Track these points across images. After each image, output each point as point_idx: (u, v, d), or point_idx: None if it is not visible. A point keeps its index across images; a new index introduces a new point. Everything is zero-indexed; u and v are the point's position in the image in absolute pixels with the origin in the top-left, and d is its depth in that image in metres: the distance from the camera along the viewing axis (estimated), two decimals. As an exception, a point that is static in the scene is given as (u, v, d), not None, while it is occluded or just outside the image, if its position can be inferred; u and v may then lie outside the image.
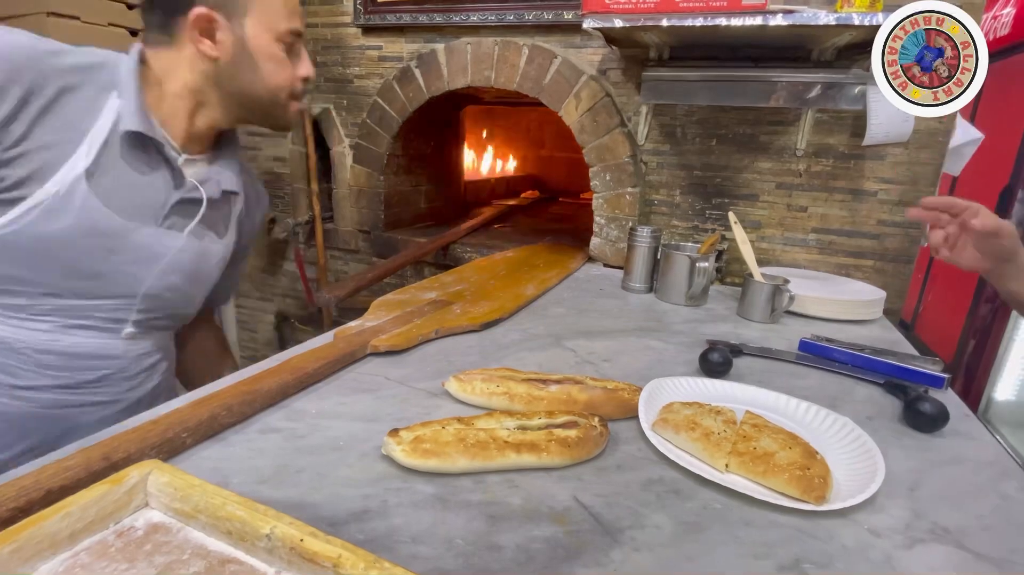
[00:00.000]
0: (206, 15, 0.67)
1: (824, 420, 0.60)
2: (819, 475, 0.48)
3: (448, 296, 0.96)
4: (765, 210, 1.21)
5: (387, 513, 0.44)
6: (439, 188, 1.92)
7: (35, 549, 0.36)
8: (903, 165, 1.11)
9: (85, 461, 0.44)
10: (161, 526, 0.41)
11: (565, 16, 1.23)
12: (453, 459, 0.49)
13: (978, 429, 0.65)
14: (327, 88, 1.59)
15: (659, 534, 0.43)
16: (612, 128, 1.25)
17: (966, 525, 0.47)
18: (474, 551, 0.40)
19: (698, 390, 0.66)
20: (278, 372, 0.62)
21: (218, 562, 0.37)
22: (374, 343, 0.72)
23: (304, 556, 0.35)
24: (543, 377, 0.64)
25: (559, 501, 0.46)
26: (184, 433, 0.50)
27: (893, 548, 0.43)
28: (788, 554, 0.42)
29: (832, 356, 0.80)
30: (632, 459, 0.53)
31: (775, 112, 1.15)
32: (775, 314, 0.97)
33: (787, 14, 0.84)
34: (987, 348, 2.08)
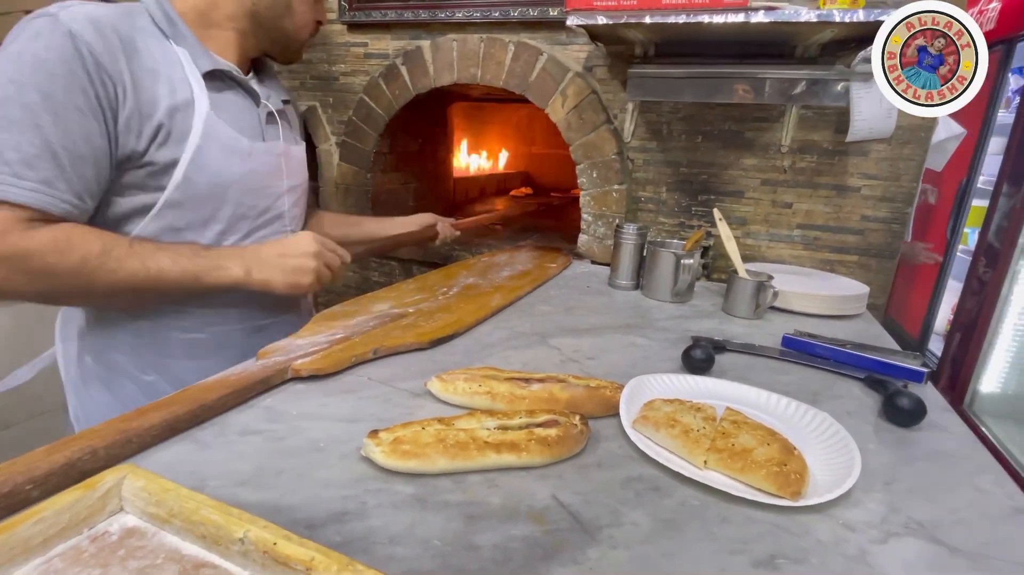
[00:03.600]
0: None
1: (804, 415, 0.61)
2: (796, 471, 0.49)
3: (402, 307, 0.90)
4: (750, 206, 1.22)
5: (365, 514, 0.44)
6: (428, 186, 1.91)
7: (8, 555, 0.35)
8: (886, 161, 1.12)
9: None
10: (136, 530, 0.40)
11: (551, 13, 1.22)
12: (433, 460, 0.49)
13: (956, 423, 0.66)
14: (312, 86, 1.58)
15: (637, 532, 0.43)
16: (598, 125, 1.25)
17: (941, 519, 0.48)
18: (451, 551, 0.40)
19: (680, 387, 0.66)
20: (169, 404, 0.55)
21: (192, 566, 0.37)
22: (295, 367, 0.65)
23: (278, 560, 0.35)
24: (526, 376, 0.64)
25: (538, 500, 0.47)
26: (28, 485, 0.43)
27: (867, 542, 0.44)
28: (763, 550, 0.42)
29: (814, 352, 0.81)
30: (612, 457, 0.54)
31: (760, 109, 1.16)
32: (759, 310, 0.97)
33: (768, 11, 0.84)
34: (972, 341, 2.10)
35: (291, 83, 1.60)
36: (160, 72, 0.69)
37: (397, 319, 0.84)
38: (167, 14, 0.72)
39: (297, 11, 0.81)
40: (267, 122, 0.82)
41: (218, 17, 0.76)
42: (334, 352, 0.69)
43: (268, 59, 0.88)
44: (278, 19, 0.80)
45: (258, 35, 0.80)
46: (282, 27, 0.81)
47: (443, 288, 1.02)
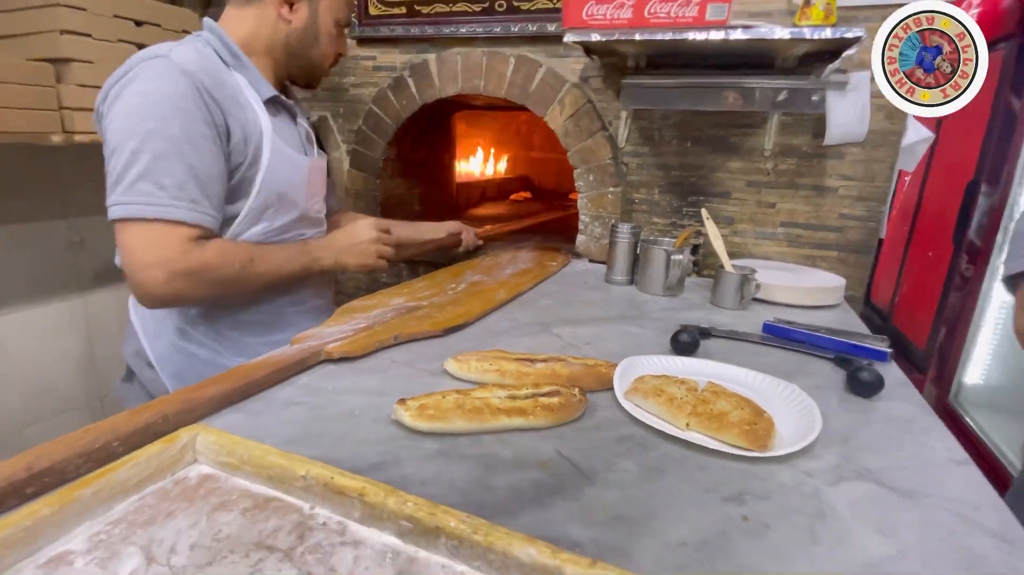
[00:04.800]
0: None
1: (776, 388, 0.69)
2: (764, 429, 0.57)
3: (416, 301, 0.98)
4: (737, 206, 1.31)
5: (400, 464, 0.52)
6: (432, 190, 2.00)
7: (110, 492, 0.44)
8: (861, 163, 1.20)
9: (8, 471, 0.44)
10: (210, 476, 0.49)
11: (548, 28, 1.31)
12: (453, 422, 0.57)
13: (913, 395, 0.74)
14: (324, 97, 1.67)
15: (626, 476, 0.52)
16: (594, 132, 1.34)
17: (887, 466, 0.56)
18: (473, 490, 0.49)
19: (668, 365, 0.75)
20: (223, 380, 0.62)
21: (262, 500, 0.46)
22: (328, 350, 0.73)
23: (334, 490, 0.44)
24: (531, 357, 0.72)
25: (543, 454, 0.55)
26: (115, 442, 0.50)
27: (822, 484, 0.52)
28: (733, 489, 0.51)
29: (791, 336, 0.89)
30: (607, 421, 0.62)
31: (744, 115, 1.25)
32: (744, 301, 1.06)
33: (746, 29, 0.93)
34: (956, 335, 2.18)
35: (303, 94, 1.68)
36: (238, 98, 0.81)
37: (412, 311, 0.93)
38: (229, 47, 0.84)
39: (323, 43, 0.92)
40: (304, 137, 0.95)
41: (258, 47, 0.87)
42: (360, 338, 0.78)
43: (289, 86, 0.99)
44: (307, 49, 0.90)
45: (288, 63, 0.91)
46: (309, 56, 0.91)
47: (451, 284, 1.10)
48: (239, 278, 0.79)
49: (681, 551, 0.43)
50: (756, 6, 1.18)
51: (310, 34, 0.90)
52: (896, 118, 1.16)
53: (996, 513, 0.50)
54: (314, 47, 0.91)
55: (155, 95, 0.72)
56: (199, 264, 0.74)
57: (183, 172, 0.73)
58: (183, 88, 0.73)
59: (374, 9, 1.49)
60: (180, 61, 0.74)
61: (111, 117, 0.73)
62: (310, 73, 0.95)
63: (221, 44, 0.83)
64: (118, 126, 0.72)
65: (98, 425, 0.52)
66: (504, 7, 1.36)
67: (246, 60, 0.84)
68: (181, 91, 0.73)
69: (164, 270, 0.72)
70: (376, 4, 1.49)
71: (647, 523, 0.45)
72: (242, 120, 0.80)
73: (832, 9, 1.03)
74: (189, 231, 0.74)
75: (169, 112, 0.72)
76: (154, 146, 0.71)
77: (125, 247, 0.73)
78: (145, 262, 0.72)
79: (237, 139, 0.79)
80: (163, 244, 0.72)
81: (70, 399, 1.53)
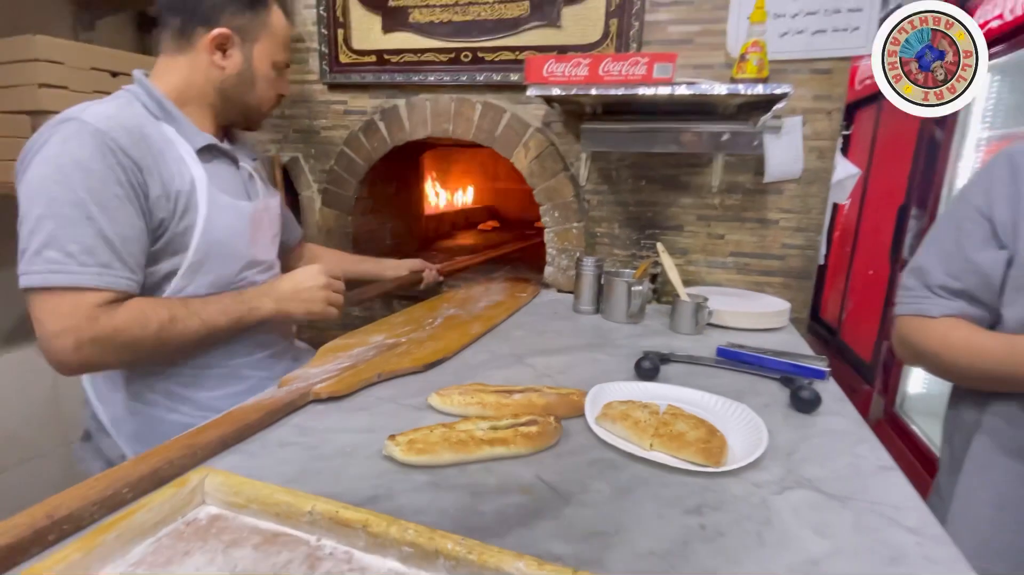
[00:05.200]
0: (227, 35, 0.85)
1: (728, 408, 0.77)
2: (718, 446, 0.65)
3: (395, 338, 1.02)
4: (690, 238, 1.42)
5: (394, 497, 0.57)
6: (403, 224, 2.06)
7: (131, 535, 0.47)
8: (798, 197, 1.33)
9: (30, 520, 0.48)
10: (219, 516, 0.52)
11: (511, 78, 1.41)
12: (440, 454, 0.63)
13: (848, 409, 0.83)
14: (295, 138, 1.72)
15: (599, 496, 0.58)
16: (557, 172, 1.43)
17: (825, 476, 0.64)
18: (463, 516, 0.54)
19: (632, 391, 0.82)
20: (220, 424, 0.66)
21: (271, 535, 0.50)
22: (316, 390, 0.76)
23: (340, 522, 0.48)
24: (508, 388, 0.78)
25: (525, 479, 0.61)
26: (125, 488, 0.54)
27: (768, 494, 0.60)
28: (692, 502, 0.57)
29: (742, 359, 0.98)
30: (580, 446, 0.68)
31: (693, 156, 1.36)
32: (699, 327, 1.15)
33: (689, 85, 1.04)
34: (897, 348, 2.34)
35: (274, 136, 1.73)
36: (165, 152, 0.79)
37: (392, 348, 0.97)
38: (157, 99, 0.82)
39: (260, 87, 0.91)
40: (247, 183, 0.94)
41: (193, 95, 0.86)
42: (346, 378, 0.82)
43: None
44: (243, 95, 0.90)
45: (226, 109, 0.90)
46: (246, 101, 0.91)
47: (428, 319, 1.16)
48: (159, 338, 0.76)
49: (649, 559, 0.49)
50: (699, 60, 1.31)
51: (245, 79, 0.88)
52: (826, 157, 1.30)
53: (915, 512, 0.58)
54: (250, 92, 0.90)
55: (62, 158, 0.71)
56: (109, 330, 0.72)
57: (91, 236, 0.71)
58: (91, 149, 0.71)
59: (344, 57, 1.57)
60: (93, 120, 0.73)
61: (22, 187, 0.72)
62: (249, 117, 0.94)
63: (148, 96, 0.82)
64: (26, 194, 0.71)
65: (107, 474, 0.55)
66: (469, 57, 1.45)
67: (174, 111, 0.83)
68: (89, 152, 0.71)
69: (72, 338, 0.70)
70: (346, 52, 1.56)
71: (619, 536, 0.52)
72: (165, 175, 0.78)
73: (764, 64, 1.16)
74: (98, 296, 0.71)
75: (76, 175, 0.70)
76: (59, 211, 0.69)
77: (34, 316, 0.71)
78: (53, 331, 0.70)
79: (157, 195, 0.77)
80: (69, 312, 0.70)
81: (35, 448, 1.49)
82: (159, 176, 0.78)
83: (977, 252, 0.77)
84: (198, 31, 0.84)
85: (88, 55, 1.23)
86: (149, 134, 0.78)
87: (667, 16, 1.30)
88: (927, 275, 0.83)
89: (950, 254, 0.81)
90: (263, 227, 0.94)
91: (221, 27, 0.84)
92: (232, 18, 0.85)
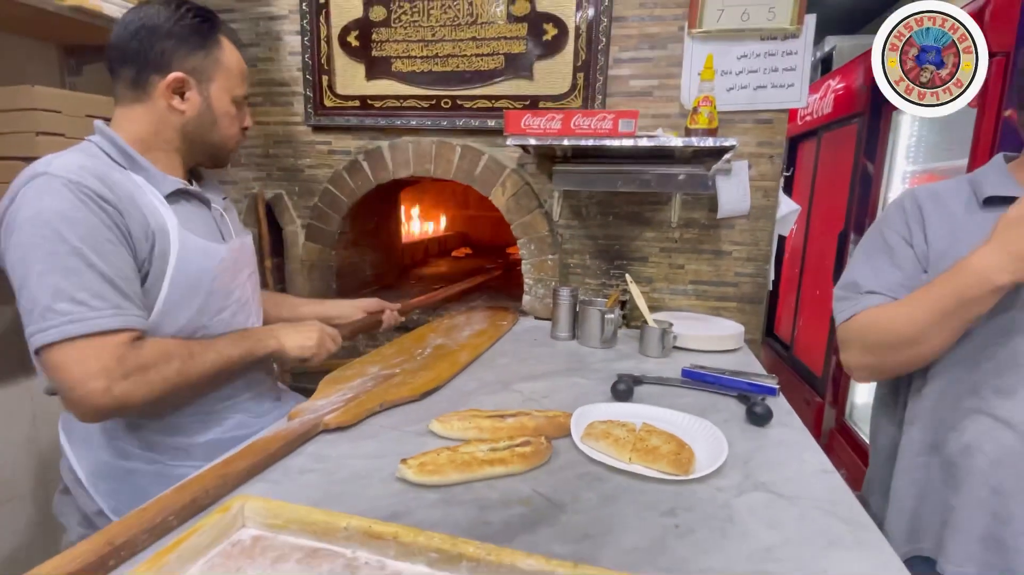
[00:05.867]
0: (182, 79, 0.85)
1: (693, 423, 0.88)
2: (686, 458, 0.75)
3: (389, 368, 1.09)
4: (654, 268, 1.55)
5: (410, 513, 0.65)
6: (382, 256, 2.13)
7: (188, 555, 0.54)
8: (747, 231, 1.49)
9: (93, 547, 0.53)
10: (260, 537, 0.59)
11: (489, 123, 1.53)
12: (448, 475, 0.71)
13: (795, 422, 0.96)
14: (279, 176, 1.78)
15: (589, 503, 0.68)
16: (532, 209, 1.55)
17: (776, 479, 0.75)
18: (473, 526, 0.62)
19: (611, 411, 0.92)
20: (246, 454, 0.73)
21: (311, 550, 0.57)
22: (325, 421, 0.83)
23: (373, 536, 0.56)
24: (501, 413, 0.87)
25: (523, 493, 0.70)
26: (171, 516, 0.59)
27: (729, 497, 0.71)
28: (667, 506, 0.68)
29: (704, 379, 1.10)
30: (569, 462, 0.78)
31: (654, 195, 1.51)
32: (666, 350, 1.27)
33: (650, 138, 1.18)
34: (844, 361, 2.54)
35: (258, 174, 1.79)
36: (135, 198, 0.79)
37: (388, 378, 1.05)
38: (121, 148, 0.82)
39: (223, 124, 0.91)
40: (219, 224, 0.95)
41: (158, 141, 0.86)
42: (351, 408, 0.90)
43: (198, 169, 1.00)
44: (206, 135, 0.90)
45: (192, 150, 0.91)
46: (211, 141, 0.91)
47: (418, 350, 1.24)
48: (181, 372, 0.78)
49: (634, 554, 0.59)
50: (656, 110, 1.46)
51: (206, 119, 0.89)
52: (771, 196, 1.46)
53: (849, 507, 0.70)
54: (213, 131, 0.90)
55: (44, 214, 0.71)
56: (138, 365, 0.73)
57: (96, 281, 0.71)
58: (70, 200, 0.71)
59: (329, 101, 1.66)
60: (63, 172, 0.73)
61: (11, 252, 0.72)
62: (215, 156, 0.94)
63: (112, 146, 0.82)
64: (19, 257, 0.71)
65: (153, 503, 0.61)
66: (449, 104, 1.56)
67: (140, 159, 0.83)
68: (69, 204, 0.71)
69: (103, 380, 0.70)
70: (331, 97, 1.65)
71: (607, 537, 0.61)
72: (140, 220, 0.78)
73: (714, 116, 1.31)
74: (120, 336, 0.73)
75: (64, 227, 0.70)
76: (60, 264, 0.70)
77: (57, 370, 0.70)
78: (82, 378, 0.70)
79: (137, 236, 0.77)
80: (97, 356, 0.71)
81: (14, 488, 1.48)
82: (132, 219, 0.78)
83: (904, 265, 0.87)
84: (152, 79, 0.83)
85: (82, 104, 1.29)
86: (117, 181, 0.78)
87: (628, 71, 1.46)
88: (859, 286, 0.91)
89: (879, 269, 0.89)
90: (239, 265, 0.94)
91: (174, 71, 0.84)
92: (184, 61, 0.85)
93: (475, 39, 1.51)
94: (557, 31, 1.46)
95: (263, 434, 0.80)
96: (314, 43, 1.62)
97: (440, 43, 1.54)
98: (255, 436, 0.81)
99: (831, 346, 2.71)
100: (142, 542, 0.57)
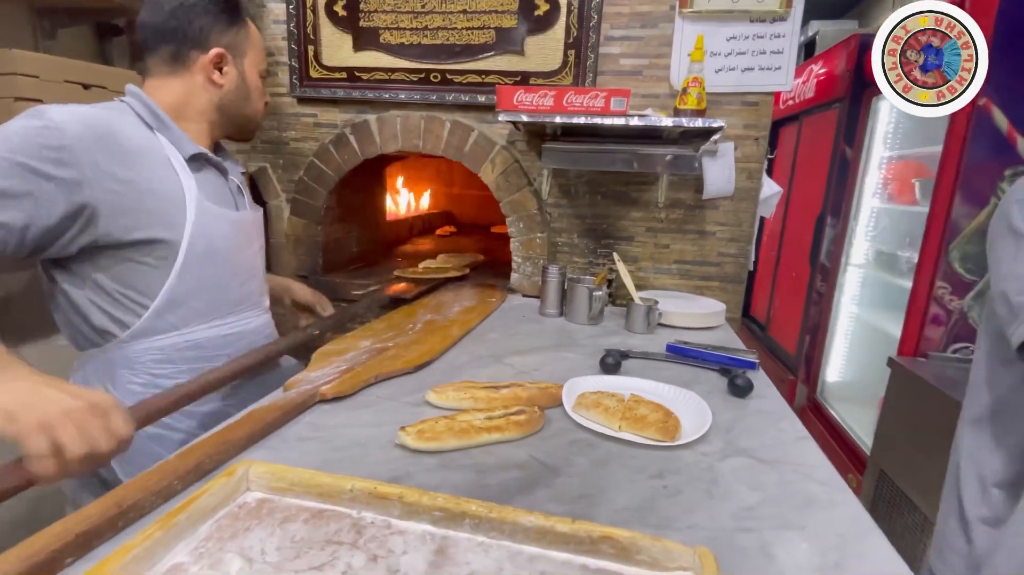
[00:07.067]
0: (222, 54, 0.90)
1: (678, 394, 0.92)
2: (673, 425, 0.79)
3: (382, 343, 1.09)
4: (640, 248, 1.58)
5: (411, 477, 0.67)
6: (367, 232, 2.12)
7: (197, 516, 0.55)
8: (731, 212, 1.52)
9: (102, 509, 0.55)
10: (265, 500, 0.61)
11: (479, 99, 1.52)
12: (446, 441, 0.73)
13: (774, 394, 1.00)
14: (263, 149, 1.75)
15: (581, 467, 0.71)
16: (521, 187, 1.56)
17: (756, 446, 0.80)
18: (473, 489, 0.65)
19: (600, 383, 0.95)
20: (245, 423, 0.74)
21: (316, 511, 0.59)
22: (322, 391, 0.85)
23: (378, 497, 0.58)
24: (495, 384, 0.90)
25: (519, 458, 0.73)
26: (175, 481, 0.61)
27: (713, 461, 0.74)
28: (655, 469, 0.71)
29: (687, 354, 1.14)
30: (561, 430, 0.81)
31: (641, 175, 1.53)
32: (651, 327, 1.31)
33: (641, 117, 1.19)
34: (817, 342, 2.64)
35: (241, 146, 1.76)
36: (145, 157, 0.80)
37: (382, 352, 1.07)
38: (152, 109, 0.85)
39: (254, 98, 0.97)
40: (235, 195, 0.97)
41: (190, 112, 0.90)
42: (347, 379, 0.91)
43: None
44: (240, 108, 0.95)
45: (224, 122, 0.94)
46: (244, 113, 0.96)
47: (409, 324, 1.25)
48: None
49: (625, 513, 0.62)
50: (646, 90, 1.47)
51: (242, 93, 0.93)
52: (754, 177, 1.49)
53: (823, 470, 0.75)
54: (246, 104, 0.95)
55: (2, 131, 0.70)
56: None
57: None
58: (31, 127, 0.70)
59: (315, 72, 1.63)
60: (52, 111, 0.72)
61: None
62: (245, 127, 0.98)
63: (143, 107, 0.84)
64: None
65: (158, 468, 0.62)
66: (438, 78, 1.55)
67: (168, 121, 0.85)
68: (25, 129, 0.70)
69: None
70: (317, 68, 1.62)
71: (600, 497, 0.65)
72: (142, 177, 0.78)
73: (703, 97, 1.33)
74: None
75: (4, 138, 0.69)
76: None
77: None
78: None
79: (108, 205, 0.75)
80: None
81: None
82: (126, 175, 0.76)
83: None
84: (192, 54, 0.88)
85: (61, 68, 1.24)
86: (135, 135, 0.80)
87: (619, 50, 1.46)
88: None
89: None
90: (250, 237, 0.98)
91: (214, 47, 0.88)
92: (221, 37, 0.89)
93: (466, 12, 1.50)
94: (549, 6, 1.45)
95: (260, 403, 0.81)
96: (300, 11, 1.58)
97: (430, 15, 1.52)
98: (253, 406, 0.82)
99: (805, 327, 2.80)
100: (150, 505, 0.58)
